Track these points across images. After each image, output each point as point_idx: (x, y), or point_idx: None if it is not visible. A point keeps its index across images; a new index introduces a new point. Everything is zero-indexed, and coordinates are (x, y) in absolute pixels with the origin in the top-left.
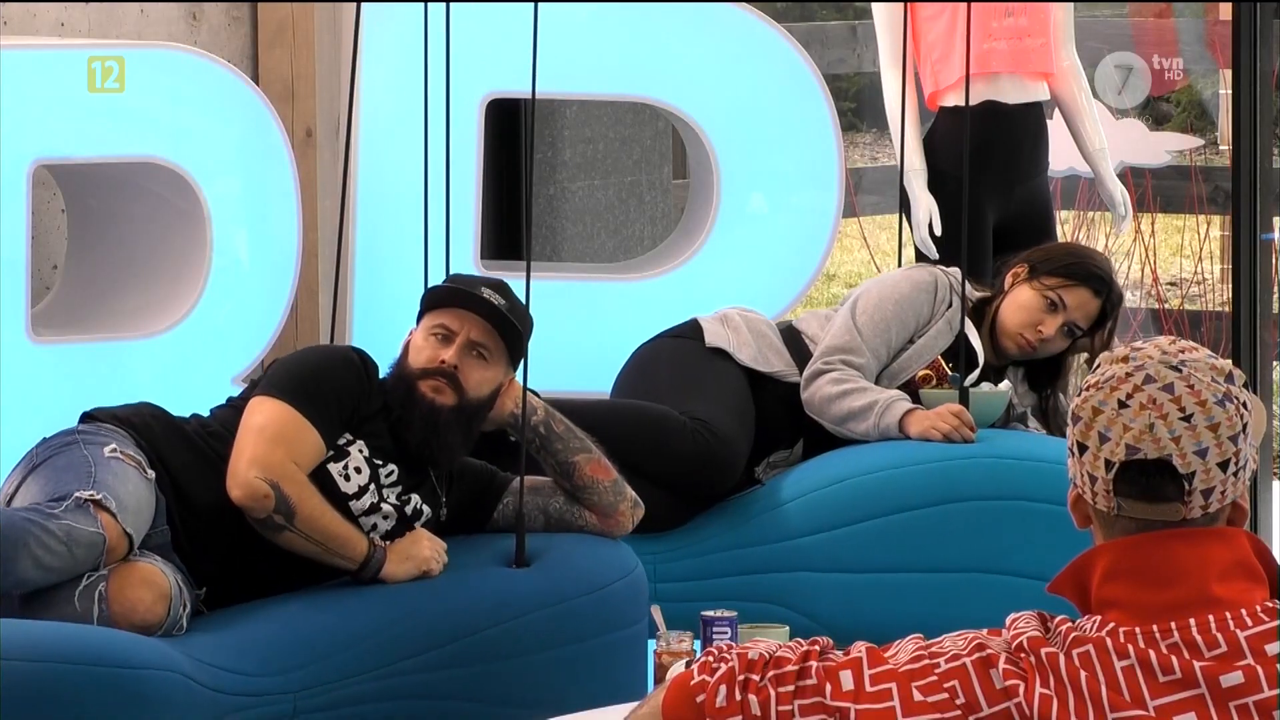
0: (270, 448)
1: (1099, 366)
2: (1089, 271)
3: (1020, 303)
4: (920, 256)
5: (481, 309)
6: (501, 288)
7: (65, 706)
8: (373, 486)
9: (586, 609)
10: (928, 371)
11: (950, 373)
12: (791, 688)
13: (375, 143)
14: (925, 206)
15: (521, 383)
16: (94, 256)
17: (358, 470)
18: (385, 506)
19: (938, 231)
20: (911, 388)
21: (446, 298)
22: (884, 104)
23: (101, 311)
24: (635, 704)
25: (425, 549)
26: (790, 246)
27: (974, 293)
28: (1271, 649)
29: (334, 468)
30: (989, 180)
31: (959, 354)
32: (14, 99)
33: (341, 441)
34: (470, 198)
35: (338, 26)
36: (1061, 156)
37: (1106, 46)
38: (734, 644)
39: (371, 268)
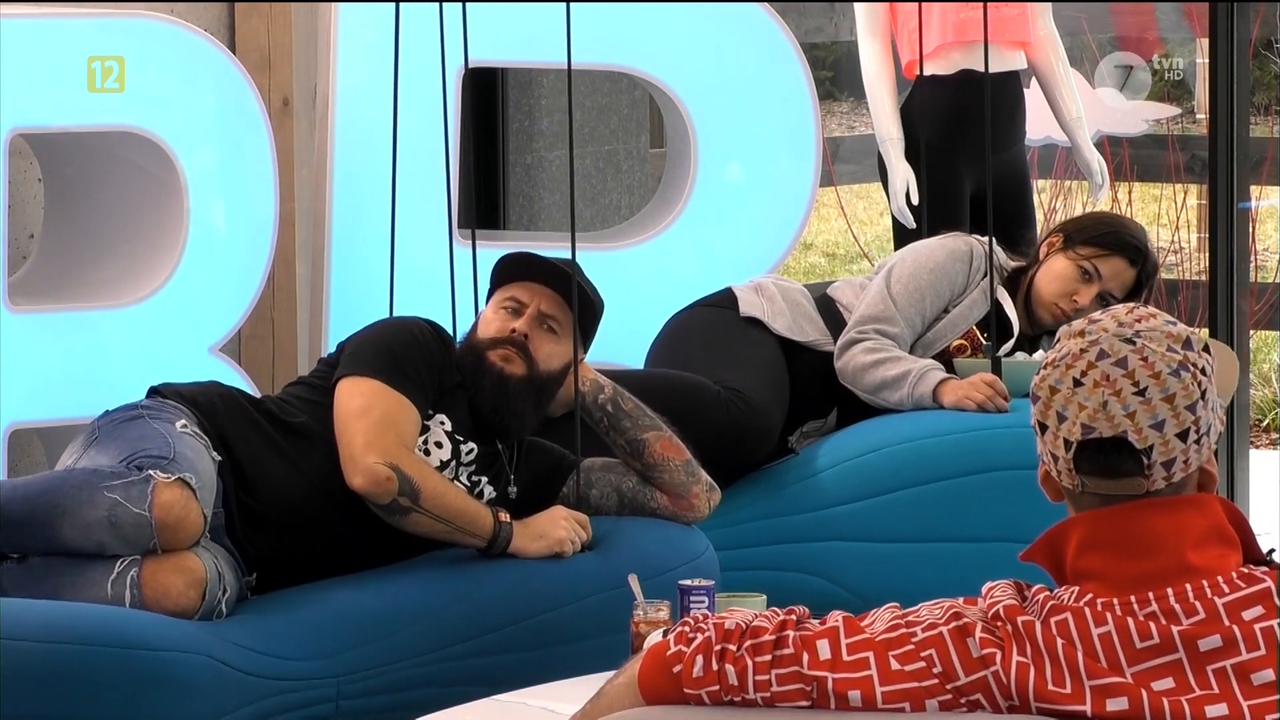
0: (380, 431)
1: (1058, 341)
2: (1124, 241)
3: (1055, 272)
4: (897, 225)
5: (553, 281)
6: (573, 266)
7: (83, 688)
8: (453, 463)
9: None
10: (962, 341)
11: (985, 342)
12: (769, 657)
13: (352, 112)
14: (902, 175)
15: (582, 360)
16: (71, 226)
17: (438, 445)
18: (459, 486)
19: (915, 200)
20: (946, 357)
21: (518, 270)
22: (861, 73)
23: (78, 281)
24: (612, 673)
25: (561, 529)
26: (767, 215)
27: (1009, 262)
28: (1249, 614)
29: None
30: (966, 149)
31: (991, 323)
32: None
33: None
34: (447, 167)
35: None
36: (1039, 125)
37: (1083, 15)
38: (710, 613)
39: (348, 238)
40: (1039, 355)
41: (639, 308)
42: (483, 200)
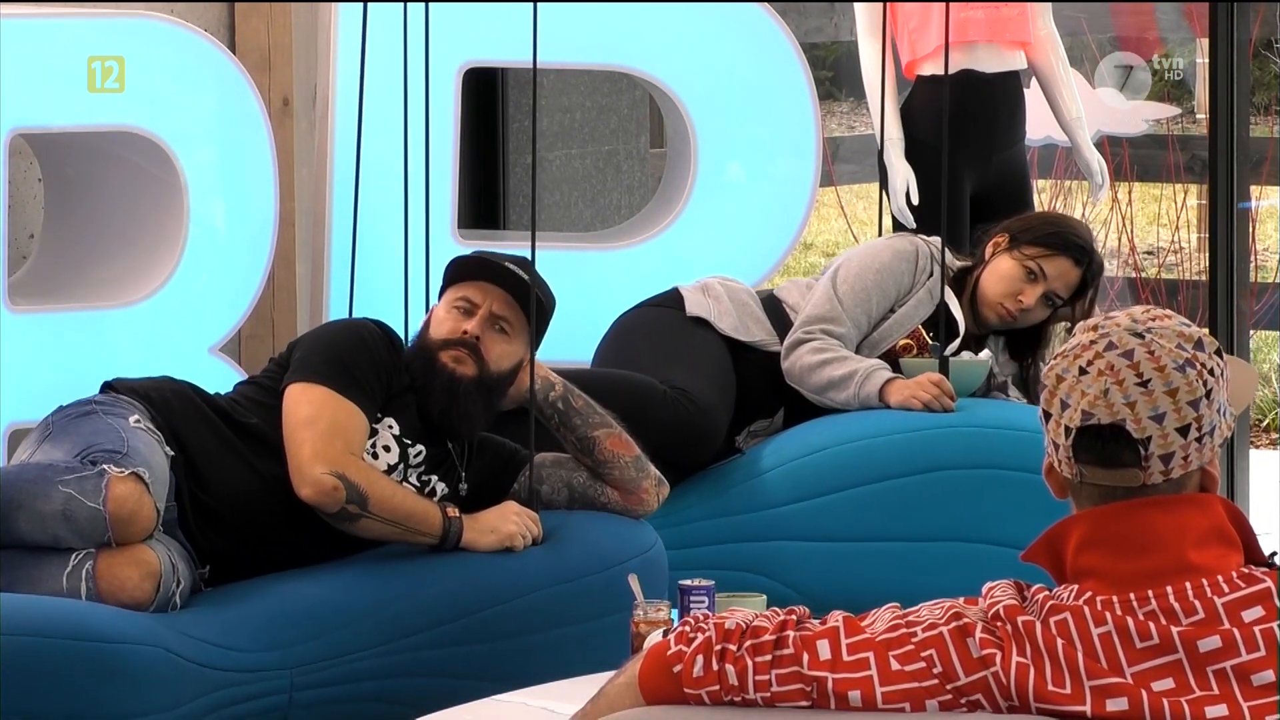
0: (328, 440)
1: (1073, 334)
2: (1069, 241)
3: (1001, 272)
4: (898, 226)
5: (505, 282)
6: (525, 265)
7: (43, 680)
8: (401, 466)
9: (598, 587)
10: (908, 341)
11: (931, 342)
12: (769, 657)
13: (352, 112)
14: (902, 175)
15: (533, 358)
16: (71, 226)
17: (386, 449)
18: (408, 486)
19: (915, 201)
20: (892, 357)
21: (470, 270)
22: (861, 73)
23: (78, 281)
24: (612, 674)
25: (511, 523)
26: (767, 215)
27: (955, 262)
28: (1249, 615)
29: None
30: (966, 149)
31: (939, 323)
32: None
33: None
34: (447, 168)
35: None
36: (1039, 125)
37: (1083, 15)
38: (711, 614)
39: (348, 238)
40: (984, 355)
41: None
42: (483, 200)
